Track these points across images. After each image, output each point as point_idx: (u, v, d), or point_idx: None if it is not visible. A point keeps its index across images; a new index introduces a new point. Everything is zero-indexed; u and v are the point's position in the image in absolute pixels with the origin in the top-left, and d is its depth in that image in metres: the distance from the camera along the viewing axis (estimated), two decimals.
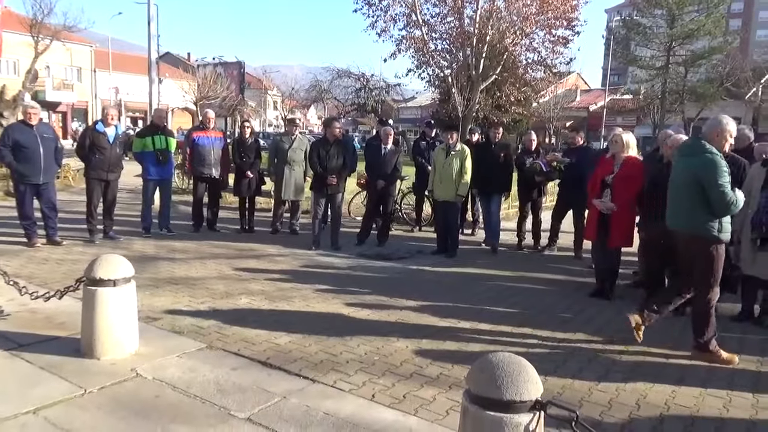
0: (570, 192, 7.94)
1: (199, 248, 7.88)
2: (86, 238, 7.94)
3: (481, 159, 8.15)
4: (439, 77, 27.35)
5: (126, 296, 4.01)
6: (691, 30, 33.44)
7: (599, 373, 4.09)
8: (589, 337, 4.87)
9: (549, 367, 4.14)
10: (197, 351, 4.18)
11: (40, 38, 22.73)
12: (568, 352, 4.47)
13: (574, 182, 7.80)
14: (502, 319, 5.24)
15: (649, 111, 37.88)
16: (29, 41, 23.37)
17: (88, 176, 7.94)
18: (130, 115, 47.75)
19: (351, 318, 5.11)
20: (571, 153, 8.27)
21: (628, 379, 3.99)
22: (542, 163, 8.22)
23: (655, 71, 35.28)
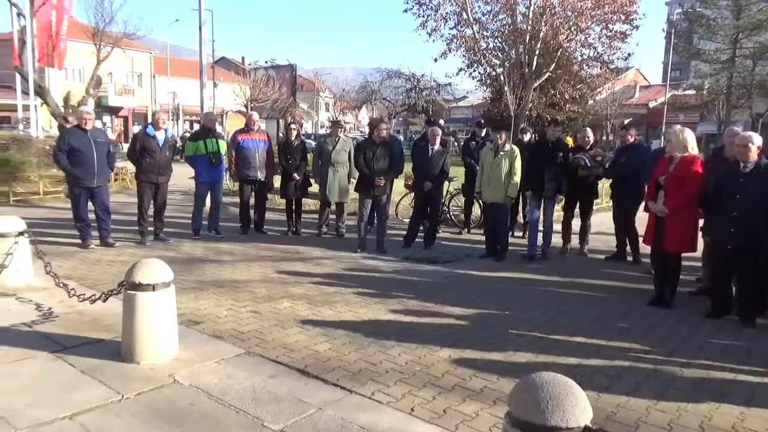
0: (620, 192, 7.69)
1: (246, 250, 7.91)
2: (138, 240, 8.10)
3: (536, 160, 7.77)
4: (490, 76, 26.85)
5: (165, 301, 3.99)
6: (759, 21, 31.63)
7: (658, 390, 3.79)
8: (647, 348, 4.55)
9: (603, 382, 3.87)
10: (235, 357, 4.13)
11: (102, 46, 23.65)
12: (624, 366, 4.18)
13: (624, 181, 7.52)
14: (552, 328, 4.98)
15: (713, 107, 36.11)
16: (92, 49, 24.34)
17: (138, 179, 8.11)
18: (188, 118, 49.23)
19: (393, 324, 4.97)
20: (622, 151, 7.88)
21: (690, 398, 3.68)
22: (586, 158, 7.80)
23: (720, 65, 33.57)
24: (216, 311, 5.19)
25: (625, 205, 7.67)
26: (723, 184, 5.18)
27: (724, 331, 5.02)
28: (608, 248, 8.07)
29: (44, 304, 5.09)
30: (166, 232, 8.46)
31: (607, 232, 8.20)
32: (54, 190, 12.41)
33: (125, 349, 3.97)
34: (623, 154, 7.72)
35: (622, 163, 7.60)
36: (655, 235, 5.67)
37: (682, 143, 5.49)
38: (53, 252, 7.03)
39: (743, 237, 5.02)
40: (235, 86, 38.80)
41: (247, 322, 4.91)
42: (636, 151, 7.68)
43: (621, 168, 7.58)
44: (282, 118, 35.82)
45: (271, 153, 9.17)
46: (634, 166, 7.39)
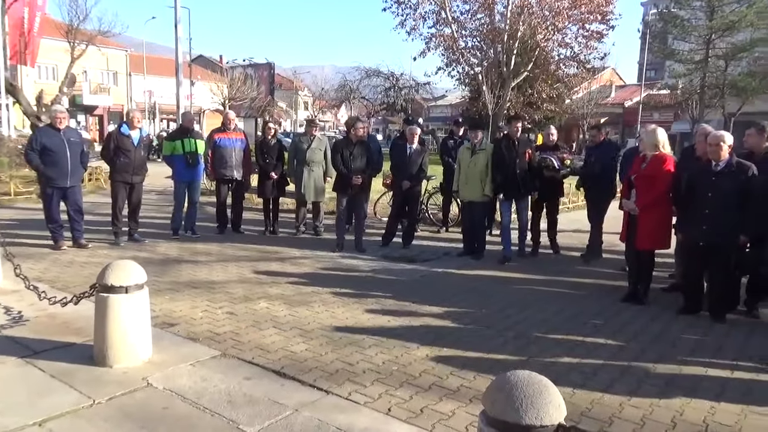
0: (592, 190, 7.74)
1: (222, 251, 7.83)
2: (111, 241, 7.97)
3: (502, 159, 7.50)
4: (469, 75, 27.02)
5: (139, 303, 3.92)
6: (732, 21, 32.21)
7: (632, 386, 3.84)
8: (621, 345, 4.60)
9: (577, 379, 3.91)
10: (211, 359, 4.08)
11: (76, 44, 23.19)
12: (598, 363, 4.22)
13: (596, 179, 7.59)
14: (528, 325, 5.02)
15: (687, 106, 36.71)
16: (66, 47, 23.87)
17: (113, 179, 7.97)
18: (164, 117, 48.60)
19: (371, 324, 4.95)
20: (593, 150, 7.93)
21: (663, 394, 3.73)
22: (554, 160, 7.74)
23: (693, 65, 34.12)
24: (191, 313, 5.12)
25: (597, 203, 7.74)
26: (695, 182, 5.27)
27: (695, 327, 5.10)
28: (583, 246, 8.14)
29: (14, 308, 4.98)
30: (140, 232, 8.34)
31: (584, 230, 8.29)
32: (26, 191, 12.16)
33: (97, 352, 3.90)
34: (594, 153, 7.78)
35: (593, 162, 7.67)
36: (628, 232, 5.74)
37: (653, 142, 5.57)
38: (24, 254, 6.89)
39: (714, 234, 5.10)
40: (213, 85, 38.43)
41: (223, 324, 4.86)
42: (606, 150, 7.75)
43: (592, 167, 7.65)
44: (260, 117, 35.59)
45: (248, 152, 9.08)
46: (605, 165, 7.50)
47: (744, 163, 5.11)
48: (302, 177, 8.74)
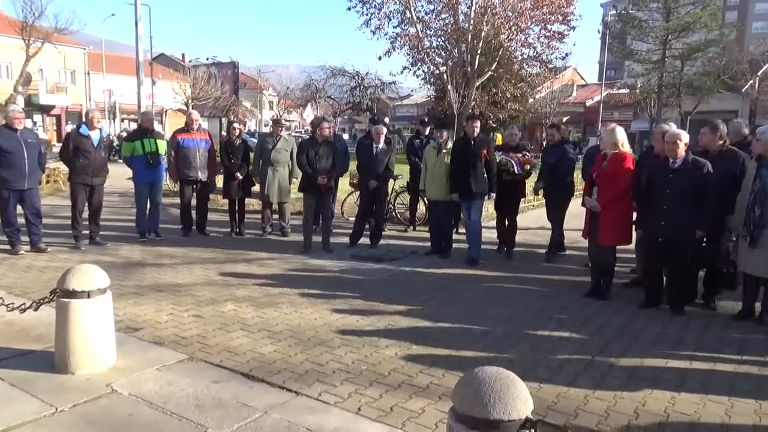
0: (551, 190, 7.76)
1: (187, 253, 7.72)
2: (72, 245, 7.77)
3: (459, 158, 7.40)
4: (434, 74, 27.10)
5: (101, 308, 3.84)
6: (687, 23, 33.24)
7: (596, 379, 3.93)
8: (585, 339, 4.71)
9: (543, 373, 3.99)
10: (177, 363, 4.03)
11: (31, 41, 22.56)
12: (563, 358, 4.31)
13: (552, 179, 7.64)
14: (496, 322, 5.09)
15: (646, 105, 37.71)
16: (21, 44, 23.20)
17: (72, 181, 7.77)
18: (125, 117, 47.52)
19: (339, 324, 4.95)
20: (550, 150, 7.97)
21: (626, 386, 3.83)
22: (514, 163, 7.60)
23: (651, 65, 35.08)
24: (156, 317, 5.04)
25: (556, 202, 7.79)
26: (653, 179, 5.42)
27: (656, 320, 5.25)
28: (548, 243, 8.29)
29: None
30: (102, 235, 8.15)
31: (547, 227, 8.43)
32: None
33: (59, 359, 3.80)
34: (551, 154, 7.79)
35: (552, 163, 7.68)
36: (590, 229, 5.88)
37: (613, 141, 5.72)
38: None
39: (672, 230, 5.26)
40: (175, 84, 37.71)
41: (189, 327, 4.79)
42: (564, 150, 7.77)
43: (551, 168, 7.64)
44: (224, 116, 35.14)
45: (213, 152, 8.97)
46: (563, 165, 7.60)
47: (699, 160, 5.29)
48: (266, 177, 8.68)
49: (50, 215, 9.43)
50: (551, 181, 7.70)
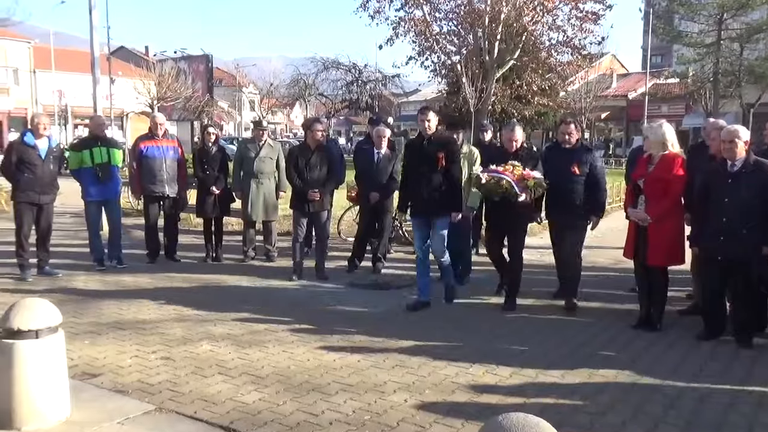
0: (552, 209, 6.74)
1: (154, 283, 7.74)
2: (16, 275, 7.82)
3: (410, 164, 6.79)
4: (445, 65, 27.39)
5: (52, 350, 3.86)
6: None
7: (648, 426, 3.92)
8: (634, 379, 4.70)
9: (584, 420, 3.98)
10: (143, 415, 4.04)
11: None
12: (607, 401, 4.30)
13: (555, 196, 6.57)
14: (525, 360, 5.09)
15: (700, 97, 37.83)
16: None
17: (16, 199, 7.83)
18: (78, 121, 47.93)
19: (337, 365, 4.96)
20: (553, 154, 6.91)
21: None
22: (514, 184, 6.18)
23: (704, 49, 35.17)
24: (117, 360, 5.05)
25: (561, 228, 6.72)
26: (709, 186, 5.43)
27: (718, 354, 5.24)
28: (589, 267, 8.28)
29: None
30: (52, 263, 8.20)
31: None
32: None
33: (1, 413, 3.80)
34: (556, 165, 6.57)
35: (559, 183, 6.48)
36: (636, 247, 5.87)
37: (659, 140, 5.74)
38: None
39: (734, 247, 5.25)
40: (138, 82, 38.08)
41: (158, 372, 4.80)
42: (571, 155, 6.57)
43: (558, 190, 6.52)
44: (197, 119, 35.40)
45: (183, 163, 9.04)
46: (567, 176, 6.47)
47: (763, 162, 5.30)
48: (249, 191, 8.73)
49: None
50: (553, 200, 6.61)
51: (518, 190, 6.18)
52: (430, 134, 6.60)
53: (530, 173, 6.29)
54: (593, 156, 6.67)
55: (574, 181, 6.42)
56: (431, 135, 6.60)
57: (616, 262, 8.12)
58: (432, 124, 6.60)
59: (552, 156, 6.84)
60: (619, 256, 7.31)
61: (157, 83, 35.32)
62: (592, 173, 6.46)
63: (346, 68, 37.34)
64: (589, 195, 6.45)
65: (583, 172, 6.42)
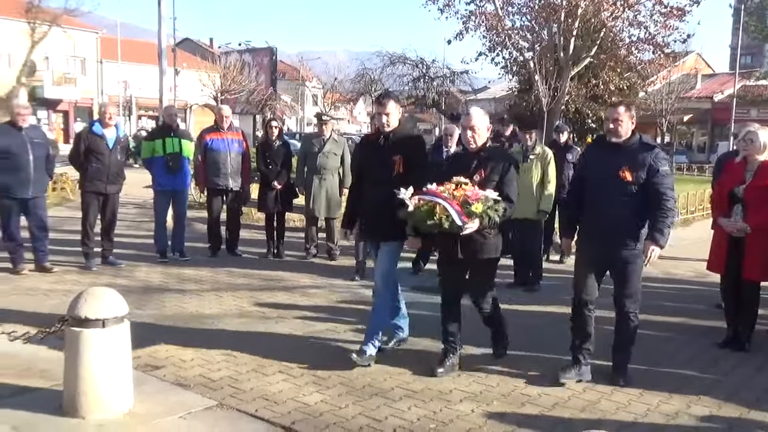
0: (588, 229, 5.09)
1: (216, 277, 7.91)
2: (81, 264, 8.11)
3: (362, 169, 5.55)
4: (517, 62, 27.09)
5: (118, 340, 3.99)
6: None
7: None
8: (718, 402, 4.54)
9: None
10: (204, 410, 4.14)
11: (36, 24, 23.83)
12: (689, 426, 4.17)
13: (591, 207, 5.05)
14: (599, 375, 4.97)
15: None
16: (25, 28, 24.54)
17: (83, 189, 8.13)
18: (143, 113, 49.46)
19: (400, 371, 4.96)
20: (596, 151, 5.22)
21: None
22: (452, 211, 4.46)
23: None
24: (180, 353, 5.18)
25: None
26: None
27: None
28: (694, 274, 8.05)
29: None
30: (116, 254, 8.48)
31: None
32: None
33: (67, 400, 3.96)
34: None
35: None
36: (728, 260, 5.65)
37: (762, 145, 5.50)
38: None
39: None
40: (202, 74, 39.04)
41: (219, 367, 4.91)
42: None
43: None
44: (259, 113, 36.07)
45: (247, 157, 9.21)
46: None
47: None
48: (312, 187, 8.82)
49: (57, 229, 9.88)
50: (595, 231, 4.94)
51: (458, 219, 4.44)
52: (389, 130, 5.16)
53: (478, 193, 4.54)
54: (656, 156, 4.71)
55: (622, 191, 4.69)
56: (390, 131, 5.16)
57: (697, 275, 7.86)
58: (393, 118, 5.13)
59: (593, 154, 5.19)
60: (700, 269, 7.08)
61: (222, 75, 36.11)
62: (652, 181, 4.65)
63: (413, 63, 37.29)
64: (646, 213, 4.74)
65: (637, 179, 4.66)
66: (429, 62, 37.54)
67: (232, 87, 35.68)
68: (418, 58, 37.52)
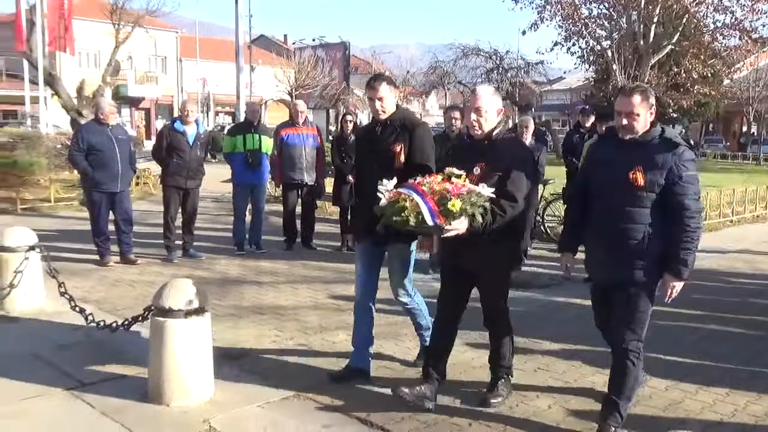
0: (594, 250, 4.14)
1: (291, 270, 8.05)
2: (163, 256, 8.40)
3: (360, 161, 5.05)
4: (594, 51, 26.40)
5: (200, 330, 4.11)
6: None
7: None
8: None
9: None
10: (282, 400, 4.22)
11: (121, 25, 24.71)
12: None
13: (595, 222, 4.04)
14: (684, 373, 4.82)
15: None
16: (110, 29, 25.49)
17: (165, 183, 8.42)
18: (219, 109, 50.72)
19: (477, 364, 4.93)
20: (601, 148, 4.24)
21: None
22: (424, 205, 3.72)
23: None
24: (257, 343, 5.31)
25: None
26: None
27: None
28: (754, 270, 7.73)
29: (58, 332, 5.35)
30: (196, 246, 8.74)
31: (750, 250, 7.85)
32: (67, 197, 13.04)
33: (152, 387, 4.12)
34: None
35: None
36: None
37: None
38: (67, 270, 7.34)
39: None
40: (277, 70, 39.68)
41: (295, 358, 5.01)
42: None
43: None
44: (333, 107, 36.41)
45: (322, 151, 9.32)
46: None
47: None
48: None
49: (139, 222, 10.25)
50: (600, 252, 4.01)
51: (430, 217, 3.68)
52: (385, 117, 4.53)
53: (462, 187, 3.75)
54: (680, 157, 3.67)
55: (630, 199, 3.72)
56: (387, 118, 4.54)
57: None
58: (388, 102, 4.51)
59: (601, 150, 4.12)
60: None
61: (296, 71, 36.63)
62: (672, 189, 3.65)
63: (487, 55, 36.98)
64: (661, 229, 3.72)
65: (651, 184, 3.66)
66: (503, 53, 37.16)
67: (306, 82, 36.13)
68: (492, 49, 37.19)
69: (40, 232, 7.08)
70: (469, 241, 3.84)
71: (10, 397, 4.09)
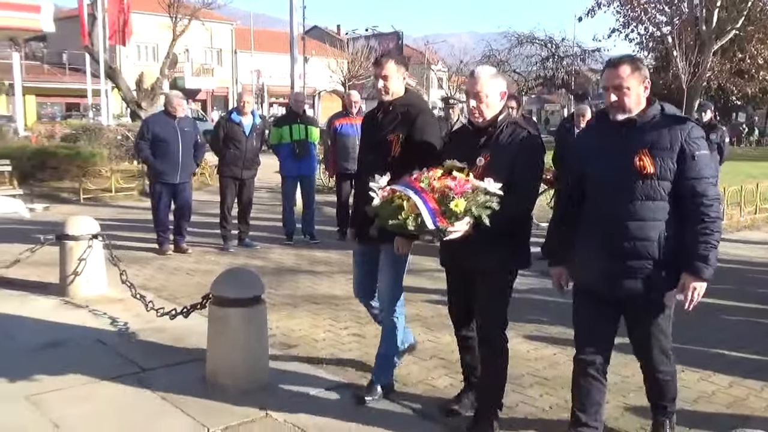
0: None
1: (345, 260, 8.07)
2: (220, 245, 8.55)
3: (362, 151, 4.75)
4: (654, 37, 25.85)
5: (257, 318, 4.17)
6: None
7: None
8: None
9: None
10: (336, 388, 4.25)
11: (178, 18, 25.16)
12: None
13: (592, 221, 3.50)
14: (748, 370, 4.67)
15: None
16: (167, 22, 26.00)
17: (221, 174, 8.55)
18: (273, 100, 51.29)
19: (531, 357, 4.89)
20: (597, 131, 3.66)
21: None
22: (424, 206, 3.25)
23: None
24: (312, 333, 5.36)
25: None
26: None
27: None
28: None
29: (119, 318, 5.51)
30: (251, 236, 8.87)
31: None
32: (127, 187, 13.40)
33: (210, 374, 4.20)
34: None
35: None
36: None
37: None
38: (127, 258, 7.54)
39: None
40: (330, 60, 39.92)
41: (350, 348, 5.04)
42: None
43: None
44: None
45: None
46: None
47: None
48: None
49: (196, 212, 10.43)
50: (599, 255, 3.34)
51: (431, 220, 3.22)
52: (390, 100, 4.04)
53: (465, 184, 3.28)
54: (689, 134, 3.11)
55: (640, 190, 3.14)
56: (390, 102, 4.05)
57: None
58: (394, 83, 4.02)
59: (592, 138, 3.54)
60: None
61: (349, 62, 36.78)
62: (684, 174, 3.09)
63: (542, 43, 36.49)
64: (676, 223, 3.16)
65: (662, 170, 3.10)
66: (558, 41, 36.58)
67: (359, 72, 36.24)
68: (547, 37, 36.67)
69: (101, 221, 7.30)
70: (467, 238, 3.38)
71: (75, 381, 4.23)
